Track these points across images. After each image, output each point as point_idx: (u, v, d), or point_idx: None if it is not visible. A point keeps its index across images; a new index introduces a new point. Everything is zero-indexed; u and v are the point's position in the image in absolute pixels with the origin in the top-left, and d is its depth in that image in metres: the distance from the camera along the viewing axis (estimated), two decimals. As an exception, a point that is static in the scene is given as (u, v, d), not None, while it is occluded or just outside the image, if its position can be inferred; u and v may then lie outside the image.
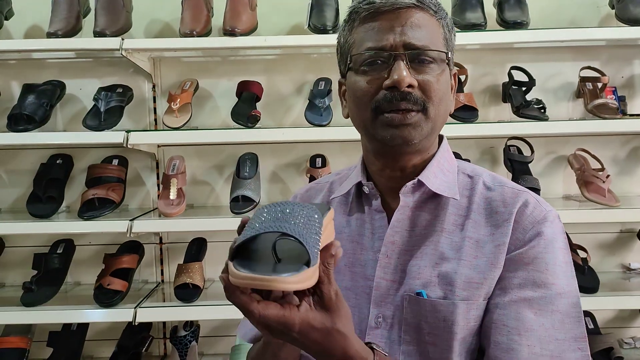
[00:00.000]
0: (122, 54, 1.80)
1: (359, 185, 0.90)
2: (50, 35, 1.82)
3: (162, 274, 2.09)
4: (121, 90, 1.94)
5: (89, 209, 1.81)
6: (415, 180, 0.83)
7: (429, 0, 0.81)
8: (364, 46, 0.81)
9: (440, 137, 0.90)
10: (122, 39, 1.78)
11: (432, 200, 0.85)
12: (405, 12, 0.79)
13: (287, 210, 0.62)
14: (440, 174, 0.85)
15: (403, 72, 0.77)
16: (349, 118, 0.88)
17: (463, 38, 1.80)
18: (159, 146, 2.07)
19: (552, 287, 0.77)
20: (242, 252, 0.61)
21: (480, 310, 0.79)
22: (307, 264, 0.59)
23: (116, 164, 1.99)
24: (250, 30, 1.87)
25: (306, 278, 0.58)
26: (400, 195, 0.84)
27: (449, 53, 0.83)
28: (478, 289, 0.79)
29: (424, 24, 0.80)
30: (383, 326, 0.81)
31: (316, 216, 0.63)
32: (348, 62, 0.84)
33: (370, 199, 0.88)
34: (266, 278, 0.56)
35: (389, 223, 0.85)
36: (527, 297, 0.76)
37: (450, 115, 1.89)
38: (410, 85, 0.78)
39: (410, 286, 0.81)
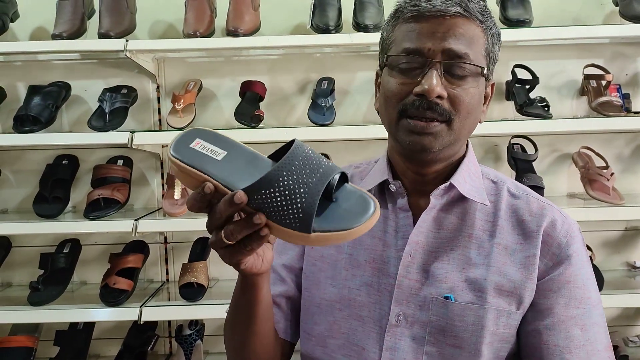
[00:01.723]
0: (126, 55, 1.81)
1: (382, 182, 0.89)
2: (55, 37, 1.84)
3: (167, 273, 2.11)
4: (126, 91, 1.95)
5: (95, 209, 1.83)
6: (447, 183, 0.84)
7: (477, 8, 0.79)
8: (402, 46, 0.80)
9: (467, 142, 0.90)
10: (127, 40, 1.79)
11: (460, 203, 0.85)
12: (450, 19, 0.78)
13: (297, 163, 0.62)
14: (469, 179, 0.86)
15: (434, 82, 0.76)
16: (377, 111, 0.88)
17: (466, 36, 1.80)
18: (163, 146, 2.09)
19: (589, 302, 0.79)
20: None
21: (511, 318, 0.80)
22: (345, 179, 0.65)
23: (121, 164, 2.00)
24: (253, 31, 1.88)
25: (365, 192, 0.65)
26: (431, 196, 0.84)
27: (487, 67, 0.81)
28: (509, 296, 0.80)
29: (467, 34, 0.78)
30: (403, 324, 0.81)
31: (308, 149, 0.65)
32: (386, 57, 0.83)
33: (395, 198, 0.87)
34: (371, 221, 0.61)
35: (413, 222, 0.85)
36: (573, 315, 0.78)
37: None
38: (439, 96, 0.77)
39: (437, 289, 0.81)
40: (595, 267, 1.82)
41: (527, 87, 1.92)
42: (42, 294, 1.80)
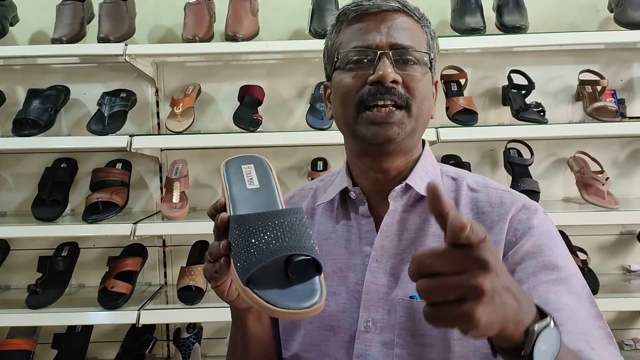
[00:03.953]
0: (125, 59, 1.82)
1: (343, 191, 0.90)
2: (54, 41, 1.85)
3: (165, 276, 2.11)
4: (125, 95, 1.96)
5: (93, 212, 1.83)
6: (403, 184, 0.84)
7: (413, 8, 0.85)
8: (351, 45, 0.83)
9: (423, 142, 0.91)
10: (126, 45, 1.80)
11: (421, 203, 0.86)
12: (391, 14, 0.83)
13: (284, 222, 0.63)
14: (426, 177, 0.86)
15: (388, 68, 0.79)
16: (333, 120, 0.89)
17: (463, 42, 1.82)
18: (162, 150, 2.10)
19: (563, 269, 0.77)
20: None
21: None
22: (318, 269, 0.63)
23: (120, 167, 2.01)
24: (252, 36, 1.89)
25: (324, 291, 0.62)
26: (389, 199, 0.85)
27: (432, 54, 0.85)
28: None
29: (409, 27, 0.83)
30: (372, 330, 0.81)
31: (304, 219, 0.65)
32: (335, 60, 0.85)
33: (356, 205, 0.88)
34: (296, 313, 0.59)
35: (376, 227, 0.86)
36: (544, 279, 0.76)
37: (450, 119, 1.93)
38: (394, 81, 0.79)
39: (404, 290, 0.81)
40: (590, 271, 1.84)
41: (523, 92, 1.94)
42: (41, 297, 1.80)
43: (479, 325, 0.48)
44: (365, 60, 0.82)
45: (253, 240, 0.61)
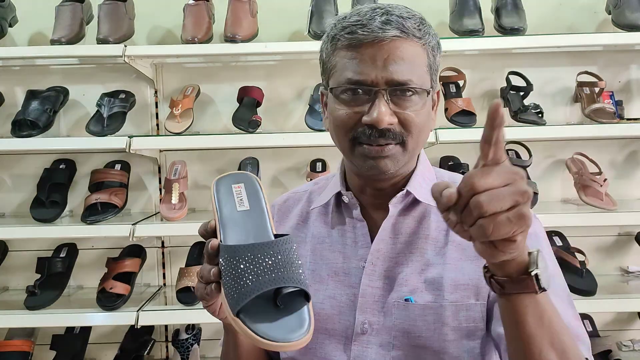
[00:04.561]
0: (124, 61, 1.82)
1: (338, 194, 0.91)
2: (53, 42, 1.85)
3: (164, 277, 2.11)
4: (124, 96, 1.96)
5: (92, 214, 1.83)
6: (404, 191, 0.86)
7: (413, 25, 0.78)
8: (344, 76, 0.79)
9: None
10: (125, 46, 1.80)
11: (416, 208, 0.87)
12: (388, 44, 0.76)
13: (273, 254, 0.64)
14: (424, 184, 0.87)
15: (382, 110, 0.76)
16: (329, 132, 0.88)
17: (461, 44, 1.82)
18: (161, 151, 2.10)
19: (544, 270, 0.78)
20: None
21: (472, 310, 0.81)
22: (307, 298, 0.65)
23: (119, 168, 2.01)
24: (251, 37, 1.90)
25: (312, 321, 0.64)
26: (389, 205, 0.86)
27: (432, 82, 0.83)
28: (466, 289, 0.81)
29: (407, 56, 0.77)
30: (369, 332, 0.82)
31: (293, 247, 0.67)
32: (329, 84, 0.84)
33: (350, 209, 0.89)
34: (285, 345, 0.61)
35: (370, 231, 0.87)
36: None
37: (449, 120, 1.93)
38: (389, 123, 0.78)
39: (399, 293, 0.82)
40: (588, 272, 1.84)
41: (522, 94, 1.94)
42: (39, 298, 1.80)
43: (529, 224, 0.56)
44: (360, 93, 0.78)
45: (243, 272, 0.63)
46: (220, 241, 0.68)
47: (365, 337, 0.82)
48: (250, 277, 0.62)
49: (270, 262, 0.64)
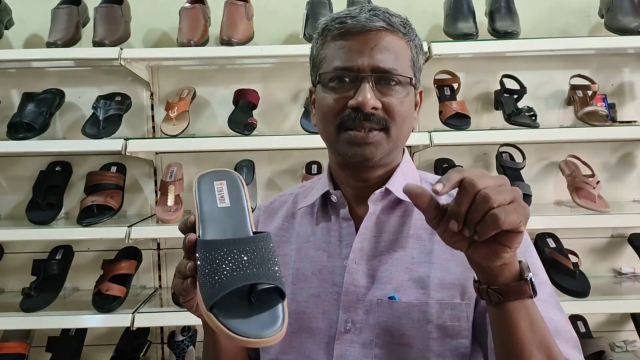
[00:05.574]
0: (120, 63, 1.83)
1: (324, 195, 0.92)
2: (50, 44, 1.85)
3: (159, 279, 2.11)
4: (120, 99, 1.97)
5: (88, 216, 1.84)
6: (383, 188, 0.87)
7: (399, 22, 0.84)
8: (333, 64, 0.83)
9: (402, 149, 0.93)
10: (121, 49, 1.81)
11: (399, 207, 0.88)
12: (375, 34, 0.82)
13: (249, 250, 0.64)
14: (405, 182, 0.88)
15: (367, 95, 0.79)
16: (317, 126, 0.91)
17: (455, 47, 1.84)
18: (156, 153, 2.10)
19: (535, 277, 0.78)
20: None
21: (457, 310, 0.82)
22: (282, 295, 0.64)
23: (114, 171, 2.01)
24: (247, 40, 1.91)
25: (286, 318, 0.63)
26: (368, 202, 0.87)
27: (415, 77, 0.85)
28: (452, 289, 0.82)
29: (392, 47, 0.82)
30: (352, 331, 0.83)
31: (271, 245, 0.66)
32: (318, 76, 0.86)
33: (337, 208, 0.90)
34: (257, 341, 0.60)
35: (356, 230, 0.88)
36: None
37: (443, 123, 1.94)
38: (374, 107, 0.80)
39: (382, 291, 0.83)
40: (581, 274, 1.86)
41: (515, 96, 1.96)
42: (35, 301, 1.80)
43: (529, 215, 0.61)
44: (347, 81, 0.82)
45: (218, 267, 0.63)
46: (199, 236, 0.68)
47: (348, 335, 0.83)
48: (225, 273, 0.62)
49: (245, 259, 0.63)
